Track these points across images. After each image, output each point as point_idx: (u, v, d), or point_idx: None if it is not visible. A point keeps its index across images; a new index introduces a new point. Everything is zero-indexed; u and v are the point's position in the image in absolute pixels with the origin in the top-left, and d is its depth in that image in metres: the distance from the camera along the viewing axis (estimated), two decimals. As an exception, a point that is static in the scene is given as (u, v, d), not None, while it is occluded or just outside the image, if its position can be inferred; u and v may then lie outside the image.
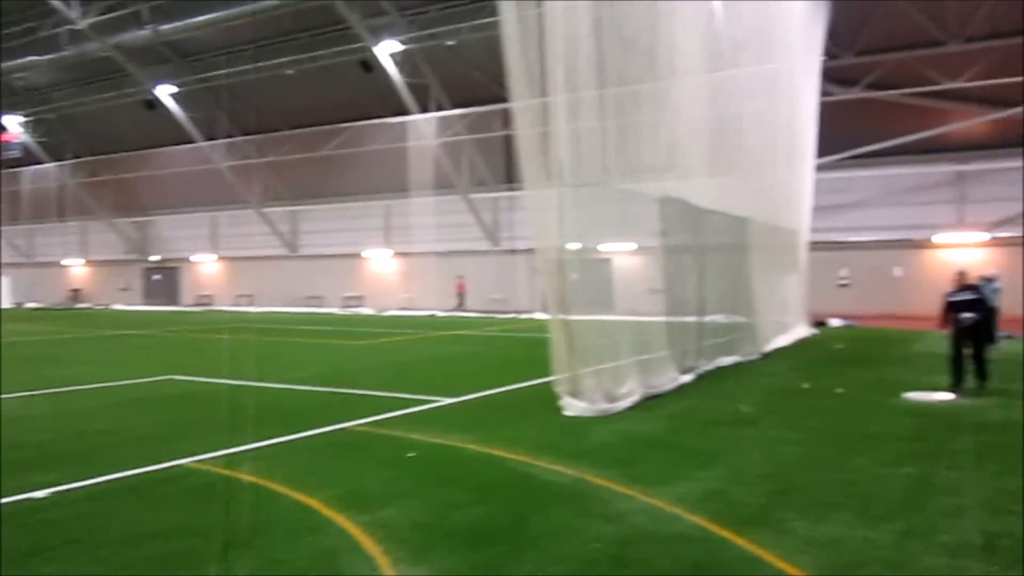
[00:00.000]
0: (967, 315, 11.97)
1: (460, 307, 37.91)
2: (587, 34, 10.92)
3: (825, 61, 25.88)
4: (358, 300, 42.93)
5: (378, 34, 32.71)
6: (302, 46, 35.37)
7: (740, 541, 5.34)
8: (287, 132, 42.05)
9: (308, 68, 36.42)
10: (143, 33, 35.17)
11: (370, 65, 34.08)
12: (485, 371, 15.15)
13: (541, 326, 11.24)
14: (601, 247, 16.60)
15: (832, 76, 28.15)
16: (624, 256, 20.64)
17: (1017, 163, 30.16)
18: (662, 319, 13.13)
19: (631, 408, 10.58)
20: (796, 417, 10.17)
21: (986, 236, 31.13)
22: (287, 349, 20.11)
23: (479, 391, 12.05)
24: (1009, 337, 19.78)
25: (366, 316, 36.36)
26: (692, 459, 7.78)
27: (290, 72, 36.90)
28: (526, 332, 23.70)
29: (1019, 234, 30.55)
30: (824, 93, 26.28)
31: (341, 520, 5.85)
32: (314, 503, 6.27)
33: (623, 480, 6.90)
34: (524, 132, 10.46)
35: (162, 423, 9.94)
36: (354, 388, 12.60)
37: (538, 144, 10.43)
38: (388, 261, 43.69)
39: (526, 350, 17.90)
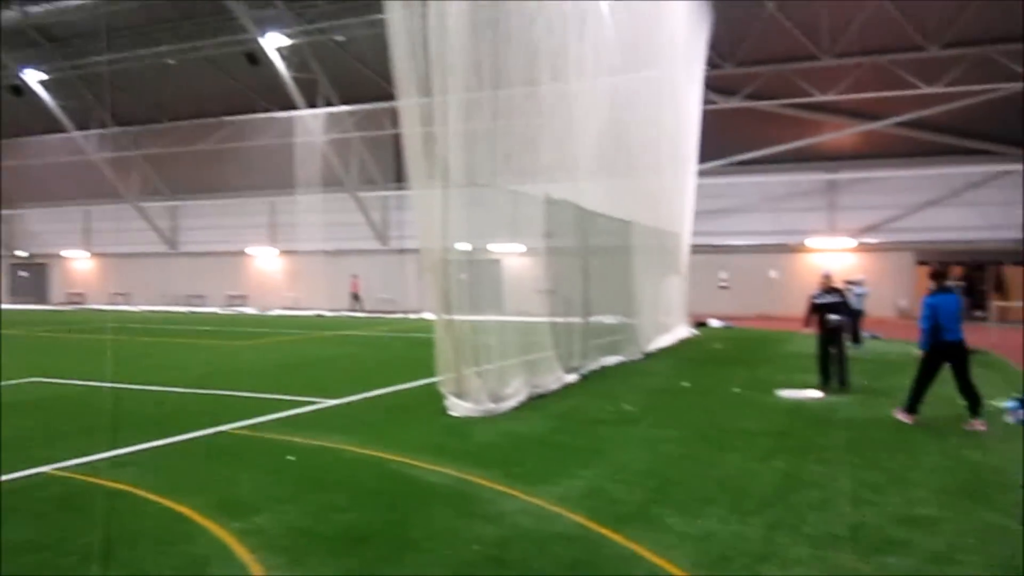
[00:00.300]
0: (834, 317, 12.60)
1: (355, 306, 37.31)
2: (473, 35, 10.91)
3: (708, 71, 26.76)
4: (241, 299, 41.76)
5: (264, 26, 31.82)
6: (184, 35, 34.04)
7: (618, 538, 5.44)
8: (167, 124, 40.44)
9: (190, 58, 35.12)
10: (10, 14, 33.12)
11: (256, 58, 33.14)
12: (370, 372, 14.95)
13: (430, 326, 11.16)
14: (491, 248, 16.61)
15: (714, 85, 29.17)
16: (514, 257, 20.79)
17: (883, 173, 32.03)
18: (549, 319, 13.26)
19: (516, 408, 10.64)
20: (676, 415, 10.45)
21: (853, 242, 32.89)
22: (164, 349, 19.34)
23: (363, 392, 11.88)
24: (874, 337, 20.95)
25: (250, 316, 35.36)
26: (574, 458, 7.87)
27: (171, 62, 35.51)
28: (414, 332, 23.53)
29: (884, 240, 32.43)
30: (706, 101, 27.19)
31: (214, 527, 5.65)
32: (185, 510, 6.03)
33: (506, 480, 6.92)
34: (410, 131, 10.37)
35: (23, 428, 9.34)
36: (233, 390, 12.21)
37: (424, 143, 10.36)
38: (273, 259, 42.64)
39: (413, 350, 17.78)
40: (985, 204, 31.23)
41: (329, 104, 35.95)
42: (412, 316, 31.96)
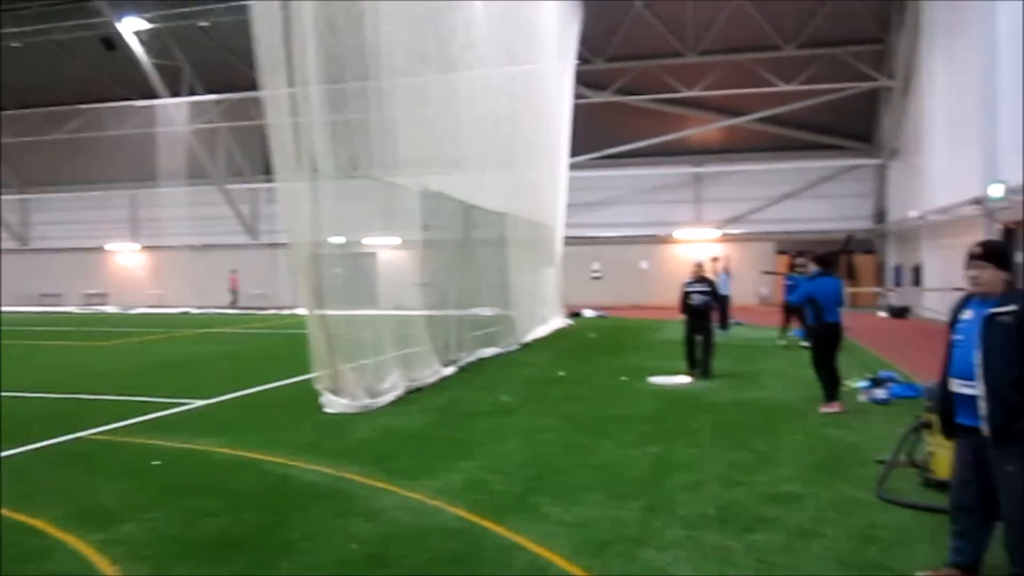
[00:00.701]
0: (698, 298, 12.96)
1: (234, 303, 35.93)
2: (343, 25, 10.69)
3: (578, 66, 27.18)
4: (101, 298, 39.60)
5: (121, 9, 30.16)
6: (32, 17, 31.83)
7: (499, 529, 5.44)
8: (15, 112, 37.72)
9: (39, 42, 32.82)
10: None
11: (112, 43, 31.37)
12: (242, 370, 14.43)
13: (303, 322, 10.86)
14: (365, 241, 16.30)
15: (585, 80, 29.67)
16: (389, 250, 20.52)
17: (745, 167, 33.43)
18: (425, 313, 13.17)
19: (394, 403, 10.51)
20: (553, 404, 10.57)
21: (718, 232, 34.21)
22: (15, 352, 18.06)
23: (235, 391, 11.45)
24: (738, 324, 21.85)
25: (110, 315, 33.54)
26: (453, 451, 7.83)
27: (17, 45, 33.10)
28: (287, 329, 22.93)
29: (746, 231, 33.88)
30: (577, 96, 27.63)
31: (72, 540, 5.30)
32: (40, 524, 5.63)
33: (384, 476, 6.81)
34: (276, 121, 10.03)
35: None
36: (93, 393, 11.53)
37: (291, 134, 10.05)
38: (135, 255, 40.62)
39: (287, 347, 17.31)
40: (838, 196, 33.13)
41: (193, 92, 34.50)
42: (285, 312, 31.11)
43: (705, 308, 13.06)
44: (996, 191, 17.69)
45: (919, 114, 26.53)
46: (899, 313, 26.47)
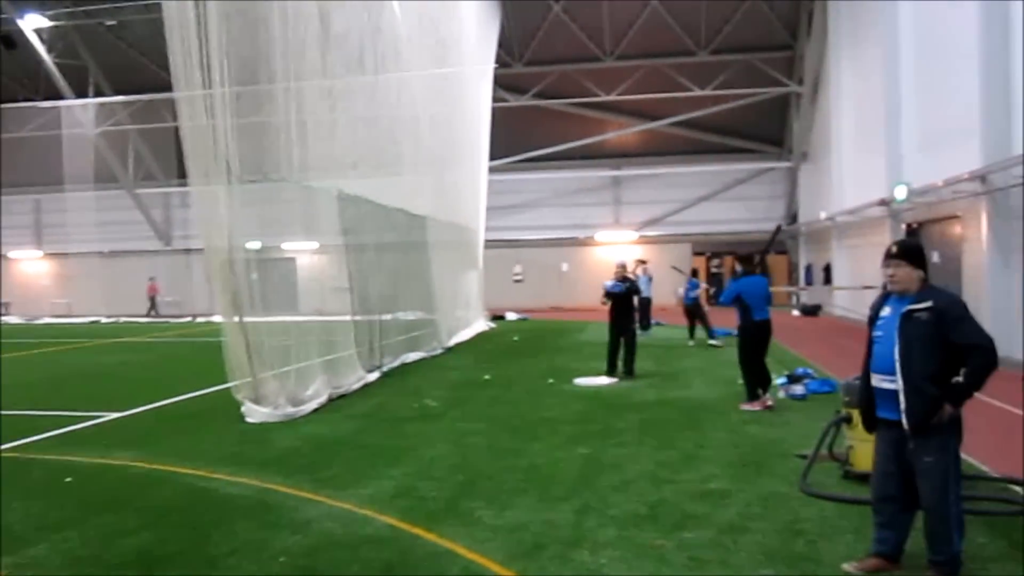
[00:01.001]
0: (613, 291, 13.04)
1: (153, 311, 34.63)
2: (258, 26, 10.45)
3: (497, 69, 27.24)
4: (3, 307, 37.75)
5: (21, 6, 28.86)
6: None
7: (431, 537, 5.37)
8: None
9: (-71, 39, 31.21)
10: None
11: (12, 40, 29.97)
12: (157, 380, 13.91)
13: (220, 330, 10.53)
14: (284, 246, 15.95)
15: (504, 83, 29.76)
16: (308, 255, 20.14)
17: (662, 170, 34.00)
18: (347, 318, 12.96)
19: (318, 410, 10.31)
20: (480, 408, 10.52)
21: (636, 235, 34.73)
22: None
23: (150, 403, 11.05)
24: (658, 324, 22.20)
25: (13, 326, 31.99)
26: (381, 458, 7.71)
27: (-96, 42, 31.38)
28: (204, 337, 22.27)
29: (664, 233, 34.47)
30: (497, 99, 27.68)
31: (-23, 565, 5.01)
32: (-59, 548, 5.31)
33: (311, 486, 6.66)
34: (189, 124, 9.72)
35: None
36: (-4, 408, 10.96)
37: (207, 137, 9.76)
38: (39, 263, 38.92)
39: (203, 356, 16.77)
40: (751, 199, 34.00)
41: (100, 93, 33.26)
42: (200, 319, 30.25)
43: (628, 295, 13.12)
44: (900, 193, 18.41)
45: (827, 119, 27.45)
46: (811, 311, 27.33)
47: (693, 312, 18.57)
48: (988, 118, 14.31)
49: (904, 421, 4.32)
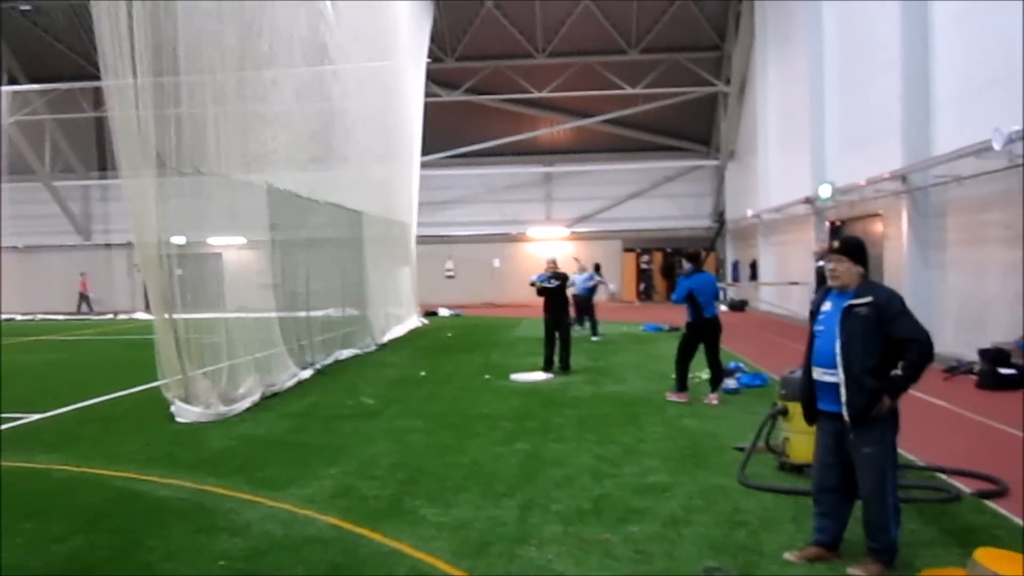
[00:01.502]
0: (546, 287, 13.07)
1: (83, 308, 33.27)
2: (186, 16, 10.15)
3: (430, 63, 27.07)
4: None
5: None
6: None
7: (375, 536, 5.29)
8: None
9: None
10: None
11: (-85, 25, 28.59)
12: (81, 380, 13.40)
13: (145, 327, 10.21)
14: (211, 241, 15.55)
15: (436, 78, 29.60)
16: (235, 250, 19.70)
17: (593, 167, 34.31)
18: (278, 314, 12.71)
19: (251, 409, 10.09)
20: (417, 405, 10.43)
21: (567, 231, 34.98)
22: None
23: (74, 403, 10.64)
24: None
25: (-82, 324, 30.48)
26: (319, 457, 7.57)
27: None
28: (128, 334, 21.62)
29: (595, 229, 34.80)
30: (429, 94, 27.52)
31: None
32: None
33: (248, 487, 6.50)
34: (119, 115, 9.37)
35: None
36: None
37: (136, 128, 9.43)
38: (-54, 258, 37.11)
39: (129, 354, 16.27)
40: (680, 196, 34.57)
41: (14, 81, 31.88)
42: (123, 316, 29.33)
43: (561, 290, 13.18)
44: (825, 191, 18.93)
45: (754, 118, 28.06)
46: (739, 307, 27.93)
47: (583, 303, 19.04)
48: (908, 119, 14.80)
49: (844, 413, 4.43)
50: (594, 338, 18.15)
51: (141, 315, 27.91)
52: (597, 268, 20.69)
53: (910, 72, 14.76)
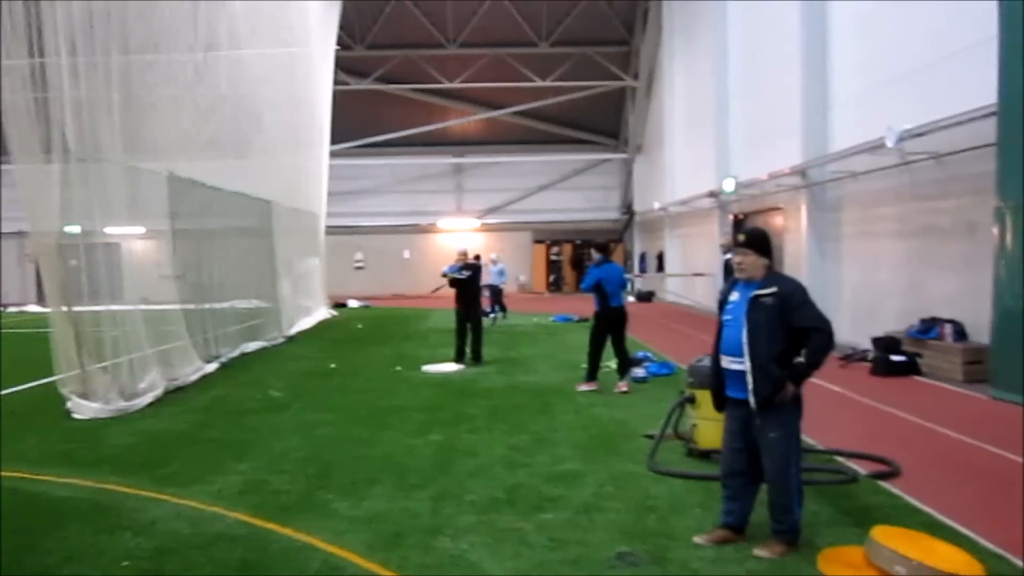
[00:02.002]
0: (458, 278, 13.07)
1: None
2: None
3: (339, 51, 26.60)
4: None
5: None
6: None
7: (287, 531, 5.19)
8: None
9: None
10: None
11: None
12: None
13: (36, 320, 9.74)
14: (108, 230, 14.98)
15: (345, 66, 29.12)
16: (135, 240, 18.99)
17: (504, 158, 34.38)
18: (181, 307, 12.32)
19: (153, 404, 9.76)
20: (327, 397, 10.29)
21: (477, 223, 35.01)
22: None
23: (-42, 401, 10.10)
24: (503, 311, 22.46)
25: None
26: (227, 452, 7.39)
27: None
28: (17, 328, 20.56)
29: (505, 221, 34.93)
30: (338, 82, 27.05)
31: None
32: None
33: (152, 484, 6.29)
34: (10, 97, 8.89)
35: None
36: None
37: (29, 112, 8.97)
38: None
39: (20, 349, 15.49)
40: (589, 188, 35.03)
41: None
42: (12, 309, 27.91)
43: (473, 281, 13.19)
44: (728, 185, 19.48)
45: (661, 113, 28.64)
46: (645, 297, 28.48)
47: (496, 294, 20.52)
48: (808, 117, 15.37)
49: (751, 400, 4.57)
50: (493, 316, 18.68)
51: (33, 307, 26.66)
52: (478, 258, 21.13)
53: (809, 71, 15.31)
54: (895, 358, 11.39)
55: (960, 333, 10.96)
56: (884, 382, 10.86)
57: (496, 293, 20.54)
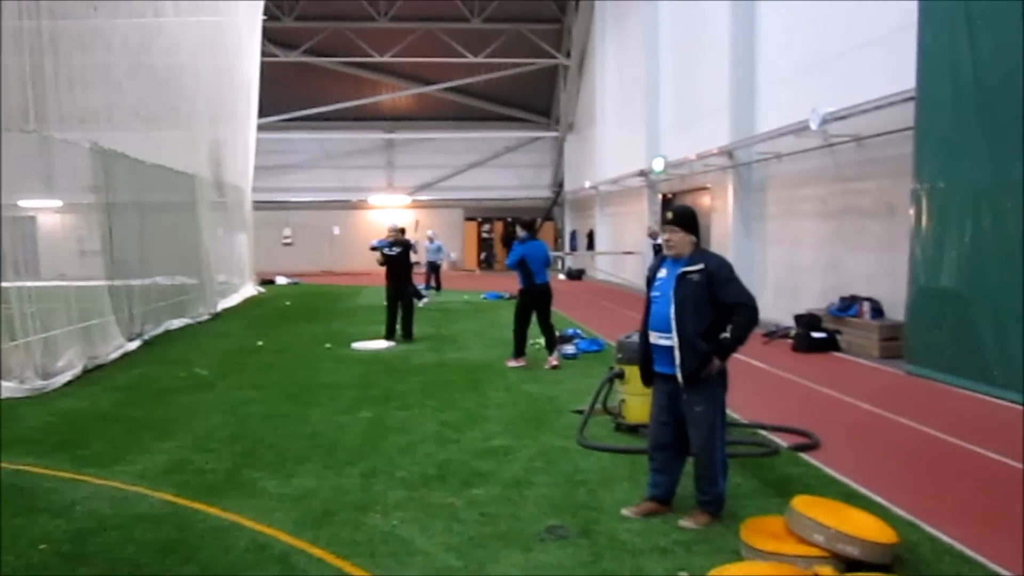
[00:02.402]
0: (388, 254, 13.01)
1: None
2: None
3: (266, 22, 25.94)
4: None
5: None
6: None
7: (213, 510, 5.10)
8: None
9: None
10: None
11: None
12: None
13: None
14: (22, 203, 14.43)
15: (273, 38, 28.46)
16: (52, 214, 18.35)
17: (435, 135, 34.15)
18: (101, 283, 11.93)
19: (72, 383, 9.46)
20: (255, 375, 10.13)
21: (408, 199, 34.75)
22: None
23: None
24: (433, 288, 22.39)
25: None
26: (150, 431, 7.21)
27: None
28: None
29: (436, 198, 34.74)
30: (266, 54, 26.39)
31: None
32: None
33: (71, 465, 6.11)
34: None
35: None
36: None
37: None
38: None
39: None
40: (520, 166, 35.07)
41: None
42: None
43: (403, 258, 13.11)
44: (658, 165, 19.71)
45: (592, 92, 28.77)
46: (576, 275, 28.73)
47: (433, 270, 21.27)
48: (735, 98, 15.63)
49: (678, 374, 4.66)
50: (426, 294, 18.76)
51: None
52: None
53: (737, 53, 15.56)
54: (816, 335, 11.73)
55: (878, 311, 11.35)
56: (805, 358, 11.20)
57: (434, 270, 20.70)
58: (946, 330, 9.13)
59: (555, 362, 10.34)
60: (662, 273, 4.87)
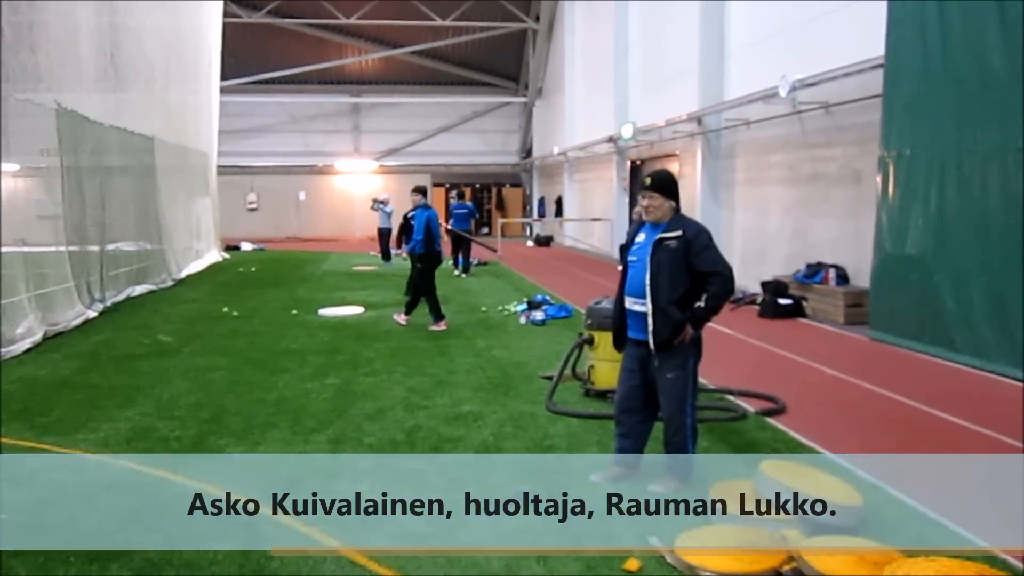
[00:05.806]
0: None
1: None
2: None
3: (228, -20, 25.38)
4: None
5: None
6: None
7: (178, 478, 5.03)
8: None
9: None
10: None
11: None
12: None
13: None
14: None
15: (236, -3, 27.83)
16: (9, 177, 17.81)
17: (402, 99, 33.72)
18: (61, 248, 11.66)
19: (31, 350, 9.27)
20: (219, 341, 9.99)
21: (375, 164, 34.37)
22: None
23: None
24: (398, 255, 22.24)
25: None
26: (112, 398, 7.09)
27: None
28: None
29: (404, 163, 34.40)
30: (228, 14, 25.82)
31: None
32: None
33: (31, 433, 5.99)
34: None
35: None
36: None
37: None
38: None
39: None
40: (488, 132, 34.80)
41: None
42: None
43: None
44: (627, 131, 19.64)
45: (561, 57, 28.52)
46: (544, 242, 28.68)
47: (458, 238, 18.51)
48: (704, 65, 15.57)
49: (650, 341, 4.64)
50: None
51: None
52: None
53: (707, 18, 15.47)
54: (782, 301, 11.83)
55: (843, 277, 11.46)
56: (771, 324, 11.29)
57: (385, 236, 20.12)
58: (910, 297, 9.24)
59: (402, 320, 11.04)
60: (640, 238, 4.83)
